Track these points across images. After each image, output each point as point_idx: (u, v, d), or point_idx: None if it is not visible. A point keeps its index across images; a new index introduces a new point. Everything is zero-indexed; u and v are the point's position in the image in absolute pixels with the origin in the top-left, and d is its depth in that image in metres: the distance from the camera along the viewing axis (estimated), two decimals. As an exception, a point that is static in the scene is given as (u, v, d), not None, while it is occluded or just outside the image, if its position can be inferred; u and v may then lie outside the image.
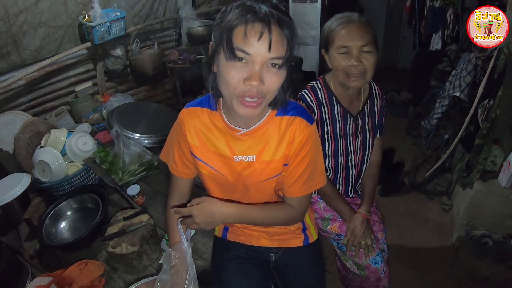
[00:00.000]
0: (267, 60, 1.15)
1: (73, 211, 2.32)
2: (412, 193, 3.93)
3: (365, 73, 1.79)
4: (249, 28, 1.11)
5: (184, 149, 1.52)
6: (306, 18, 5.42)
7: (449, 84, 3.61)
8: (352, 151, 2.06)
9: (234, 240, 1.76)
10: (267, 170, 1.47)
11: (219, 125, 1.43)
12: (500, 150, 3.01)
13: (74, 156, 2.46)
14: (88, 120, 3.32)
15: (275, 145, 1.43)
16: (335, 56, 1.81)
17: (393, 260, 2.88)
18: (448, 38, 5.57)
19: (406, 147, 4.80)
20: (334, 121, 1.97)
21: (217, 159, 1.47)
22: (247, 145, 1.43)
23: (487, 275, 2.85)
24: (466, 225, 3.12)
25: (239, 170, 1.47)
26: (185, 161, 1.56)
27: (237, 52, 1.13)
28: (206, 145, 1.47)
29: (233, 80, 1.16)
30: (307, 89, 1.98)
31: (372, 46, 1.77)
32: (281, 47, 1.15)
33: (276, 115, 1.42)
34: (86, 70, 3.77)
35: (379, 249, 1.98)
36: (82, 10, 3.50)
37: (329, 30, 1.84)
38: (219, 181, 1.53)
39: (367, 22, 1.82)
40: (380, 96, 2.09)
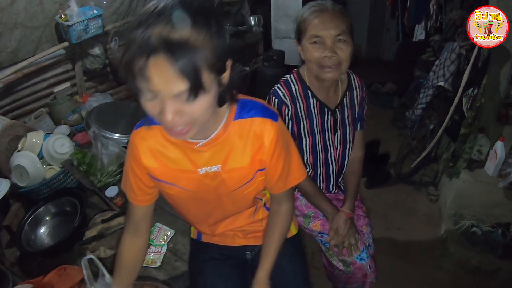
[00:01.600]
0: (173, 95, 0.96)
1: (52, 215, 2.27)
2: (398, 184, 3.91)
3: (340, 64, 1.72)
4: (143, 64, 0.92)
5: (141, 175, 1.37)
6: (288, 11, 5.36)
7: (433, 74, 3.60)
8: (331, 146, 2.00)
9: (208, 242, 1.71)
10: (236, 178, 1.38)
11: (175, 141, 1.28)
12: (486, 139, 3.00)
13: (51, 159, 2.40)
14: (67, 121, 3.25)
15: (240, 151, 1.31)
16: (307, 47, 1.75)
17: (381, 253, 2.88)
18: (432, 29, 5.57)
19: (392, 138, 4.77)
20: (311, 116, 1.91)
21: (181, 176, 1.35)
22: (208, 155, 1.30)
23: (476, 265, 2.84)
24: (454, 215, 3.11)
25: (206, 182, 1.36)
26: (143, 187, 1.41)
27: (146, 94, 0.98)
28: (166, 165, 1.33)
29: (153, 115, 1.03)
30: (280, 84, 1.91)
31: (347, 35, 1.71)
32: (182, 80, 0.93)
33: (234, 119, 1.28)
34: (65, 70, 3.68)
35: (364, 244, 1.94)
36: (58, 9, 3.42)
37: (301, 19, 1.77)
38: (188, 197, 1.43)
39: (342, 10, 1.76)
40: (360, 87, 2.03)
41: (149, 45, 0.91)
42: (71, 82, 3.68)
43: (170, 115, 0.97)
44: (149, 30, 0.92)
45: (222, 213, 1.55)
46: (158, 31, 0.92)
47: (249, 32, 5.43)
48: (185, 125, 1.04)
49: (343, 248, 1.89)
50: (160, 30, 0.92)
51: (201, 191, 1.39)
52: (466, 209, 3.11)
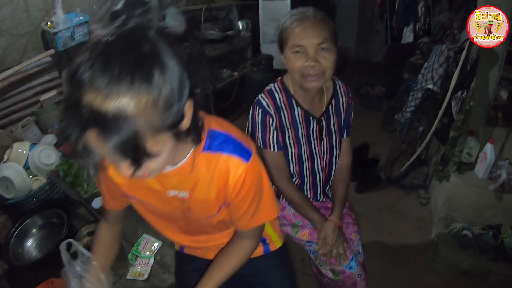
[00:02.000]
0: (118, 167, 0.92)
1: (39, 228, 2.25)
2: (388, 188, 3.90)
3: (323, 73, 1.69)
4: (78, 138, 0.82)
5: (111, 186, 1.33)
6: (276, 16, 5.35)
7: (422, 77, 3.60)
8: (317, 155, 1.98)
9: (191, 254, 1.68)
10: (202, 209, 1.33)
11: None
12: (476, 141, 3.01)
13: (38, 170, 2.38)
14: (54, 130, 3.22)
15: (207, 183, 1.23)
16: (289, 57, 1.71)
17: (372, 257, 2.87)
18: (420, 31, 5.60)
19: (382, 141, 4.78)
20: (296, 125, 1.88)
21: (150, 193, 1.29)
22: (177, 181, 1.23)
23: (468, 268, 2.83)
24: (445, 219, 3.10)
25: (176, 204, 1.31)
26: (115, 196, 1.39)
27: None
28: (134, 182, 1.26)
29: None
30: (264, 93, 1.87)
31: (330, 43, 1.67)
32: (120, 157, 0.85)
33: (202, 150, 1.19)
34: (52, 78, 3.65)
35: (353, 252, 1.92)
36: (44, 16, 3.40)
37: (282, 28, 1.73)
38: (158, 214, 1.42)
39: (324, 16, 1.71)
40: (345, 94, 2.00)
41: (80, 119, 0.78)
42: (57, 90, 3.64)
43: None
44: (80, 96, 0.78)
45: (193, 230, 1.51)
46: (90, 99, 0.77)
47: (237, 37, 5.44)
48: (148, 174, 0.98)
49: (331, 257, 1.86)
50: (92, 99, 0.76)
51: (170, 210, 1.35)
52: (456, 211, 3.11)
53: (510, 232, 2.86)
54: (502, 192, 2.87)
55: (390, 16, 6.24)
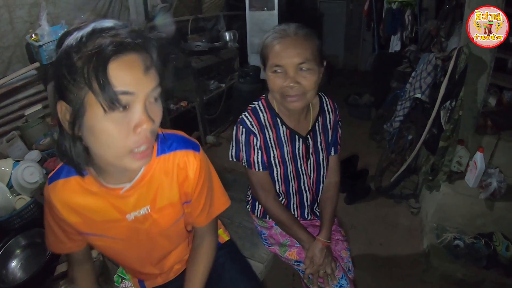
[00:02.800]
0: (149, 93, 0.96)
1: (23, 248, 2.18)
2: (378, 199, 3.88)
3: (304, 94, 1.63)
4: (125, 61, 0.90)
5: (66, 228, 1.28)
6: (264, 26, 5.35)
7: (410, 86, 3.59)
8: (304, 174, 1.93)
9: (153, 286, 1.63)
10: (168, 216, 1.33)
11: (95, 190, 1.18)
12: (465, 150, 3.00)
13: (21, 189, 2.31)
14: (39, 146, 3.16)
15: (168, 187, 1.27)
16: (269, 76, 1.65)
17: (364, 270, 2.85)
18: (407, 39, 5.62)
19: (370, 150, 4.79)
20: (281, 145, 1.83)
21: (109, 226, 1.25)
22: (135, 199, 1.22)
23: (461, 278, 2.81)
24: (436, 229, 3.09)
25: (137, 226, 1.29)
26: (71, 235, 1.32)
27: (121, 97, 0.90)
28: (89, 217, 1.22)
29: (120, 134, 0.94)
30: (247, 112, 1.81)
31: (311, 63, 1.60)
32: (156, 71, 0.99)
33: (157, 155, 1.23)
34: (37, 91, 3.59)
35: (343, 270, 1.88)
36: (29, 28, 3.35)
37: (264, 45, 1.67)
38: (120, 246, 1.35)
39: (307, 34, 1.63)
40: (333, 111, 1.95)
41: (128, 39, 0.92)
42: (43, 104, 3.59)
43: (148, 119, 0.96)
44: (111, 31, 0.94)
45: (158, 254, 1.48)
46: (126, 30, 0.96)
47: (225, 48, 5.42)
48: (150, 142, 1.01)
49: (318, 277, 1.82)
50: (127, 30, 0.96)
51: (132, 238, 1.32)
52: (447, 221, 3.10)
53: (502, 239, 2.85)
54: (493, 200, 2.87)
55: (377, 25, 6.26)
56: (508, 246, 2.81)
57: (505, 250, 2.79)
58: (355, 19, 8.15)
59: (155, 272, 1.56)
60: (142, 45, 0.95)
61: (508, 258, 2.77)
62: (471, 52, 2.71)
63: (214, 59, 5.15)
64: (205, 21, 5.60)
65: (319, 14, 8.32)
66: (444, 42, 4.29)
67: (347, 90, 6.38)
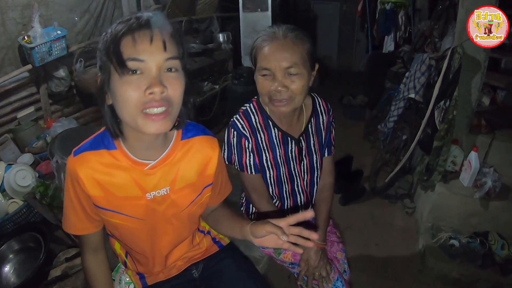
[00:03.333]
0: (163, 63, 1.09)
1: (16, 253, 2.18)
2: (373, 199, 3.87)
3: (292, 98, 1.60)
4: (137, 34, 1.07)
5: (86, 204, 1.31)
6: (257, 27, 5.33)
7: (404, 86, 3.59)
8: (297, 176, 1.90)
9: (155, 282, 1.62)
10: (185, 196, 1.40)
11: (123, 164, 1.26)
12: (460, 150, 3.01)
13: (13, 193, 2.30)
14: (31, 149, 3.15)
15: (188, 169, 1.36)
16: (257, 79, 1.63)
17: (359, 271, 2.84)
18: (401, 40, 5.63)
19: (365, 151, 4.78)
20: (273, 147, 1.81)
21: (127, 203, 1.30)
22: (157, 178, 1.31)
23: (457, 277, 2.81)
24: (431, 228, 3.08)
25: (154, 207, 1.34)
26: (91, 216, 1.35)
27: (129, 63, 1.06)
28: (111, 192, 1.27)
29: (132, 96, 1.07)
30: (239, 114, 1.80)
31: (300, 67, 1.57)
32: (174, 47, 1.12)
33: (182, 139, 1.36)
34: (29, 94, 3.58)
35: (339, 272, 1.87)
36: (22, 30, 3.34)
37: (253, 47, 1.65)
38: (134, 225, 1.37)
39: (297, 37, 1.59)
40: (326, 112, 1.92)
41: (143, 19, 1.09)
42: (35, 106, 3.58)
43: (159, 84, 1.08)
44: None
45: (169, 239, 1.50)
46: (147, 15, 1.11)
47: (218, 49, 5.41)
48: (164, 106, 1.10)
49: (312, 279, 1.81)
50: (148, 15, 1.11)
51: (147, 217, 1.36)
52: (442, 221, 3.10)
53: (497, 238, 2.85)
54: (488, 199, 2.87)
55: (371, 25, 6.27)
56: (503, 245, 2.80)
57: (500, 249, 2.79)
58: (348, 20, 8.16)
59: (161, 263, 1.55)
60: (149, 23, 1.09)
61: (503, 257, 2.76)
62: (465, 52, 2.71)
63: (208, 61, 5.15)
64: (198, 22, 5.59)
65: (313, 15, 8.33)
66: (438, 42, 4.30)
67: (340, 91, 6.38)
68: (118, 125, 1.21)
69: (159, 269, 1.57)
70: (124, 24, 1.08)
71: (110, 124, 1.21)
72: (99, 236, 1.45)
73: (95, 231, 1.41)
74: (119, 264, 1.73)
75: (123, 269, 1.69)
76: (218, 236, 1.74)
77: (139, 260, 1.56)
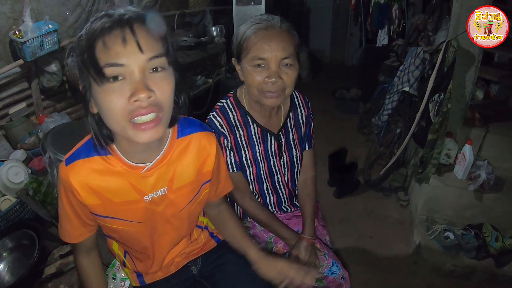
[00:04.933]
0: (146, 64, 1.00)
1: (9, 251, 2.17)
2: (368, 192, 3.88)
3: (283, 89, 1.56)
4: (108, 37, 0.97)
5: (81, 213, 1.28)
6: (251, 21, 5.31)
7: (398, 79, 3.59)
8: (277, 172, 1.89)
9: (153, 281, 1.61)
10: (184, 196, 1.37)
11: (118, 169, 1.21)
12: (454, 143, 3.02)
13: (6, 189, 2.29)
14: (24, 145, 3.12)
15: (185, 168, 1.32)
16: (248, 70, 1.57)
17: (354, 263, 2.86)
18: (395, 33, 5.63)
19: (359, 144, 4.79)
20: (252, 144, 1.78)
21: (126, 208, 1.27)
22: (154, 179, 1.26)
23: (451, 269, 2.84)
24: (426, 221, 3.10)
25: (152, 208, 1.31)
26: (86, 222, 1.33)
27: (107, 70, 0.97)
28: (109, 199, 1.23)
29: (117, 106, 0.99)
30: (215, 111, 1.75)
31: (294, 59, 1.55)
32: (156, 44, 1.03)
33: (177, 137, 1.30)
34: (21, 89, 3.54)
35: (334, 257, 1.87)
36: (13, 24, 3.30)
37: (243, 36, 1.57)
38: (133, 229, 1.35)
39: (290, 28, 1.58)
40: (304, 105, 1.90)
41: (115, 17, 1.00)
42: (27, 102, 3.55)
43: (143, 89, 0.99)
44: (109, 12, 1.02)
45: (169, 239, 1.49)
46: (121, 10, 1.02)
47: (211, 43, 5.39)
48: (154, 113, 1.03)
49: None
50: (122, 10, 1.03)
51: (147, 220, 1.34)
52: (437, 213, 3.12)
53: (491, 230, 2.87)
54: (482, 192, 2.89)
55: (364, 19, 6.27)
56: (498, 237, 2.83)
57: (494, 241, 2.81)
58: (341, 14, 8.14)
59: (159, 262, 1.54)
60: (122, 21, 0.99)
61: (497, 249, 2.79)
62: (460, 45, 2.72)
63: (201, 54, 5.11)
64: (191, 16, 5.56)
65: (306, 8, 8.31)
66: (432, 36, 4.31)
67: (334, 85, 6.36)
68: (107, 134, 1.15)
69: (157, 268, 1.56)
70: (96, 25, 0.99)
71: (97, 136, 1.14)
72: (93, 238, 1.44)
73: (89, 235, 1.40)
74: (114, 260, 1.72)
75: (118, 266, 1.69)
76: (215, 231, 1.73)
77: (138, 259, 1.55)
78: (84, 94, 1.07)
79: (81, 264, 1.46)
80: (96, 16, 1.03)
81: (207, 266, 1.66)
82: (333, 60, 8.55)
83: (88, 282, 1.47)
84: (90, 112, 1.10)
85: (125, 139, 1.10)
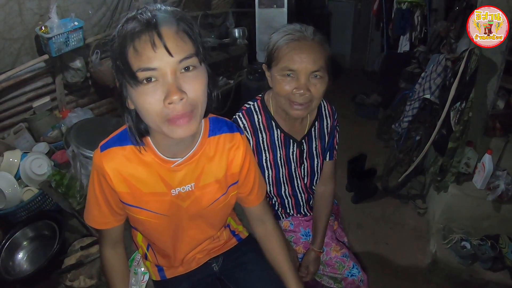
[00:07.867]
0: (177, 66, 1.03)
1: (30, 240, 2.20)
2: (385, 198, 3.86)
3: (311, 102, 1.56)
4: (137, 42, 1.00)
5: (111, 199, 1.32)
6: (273, 23, 5.30)
7: (419, 87, 3.57)
8: (297, 178, 1.89)
9: (174, 276, 1.63)
10: (210, 194, 1.39)
11: (149, 161, 1.26)
12: (474, 152, 2.99)
13: (29, 180, 2.32)
14: (47, 138, 3.17)
15: (214, 166, 1.36)
16: (277, 78, 1.57)
17: (369, 269, 2.83)
18: (416, 40, 5.59)
19: (377, 150, 4.76)
20: (274, 148, 1.79)
21: (153, 199, 1.31)
22: (183, 174, 1.30)
23: (467, 279, 2.82)
24: (443, 229, 3.08)
25: (178, 203, 1.35)
26: (115, 210, 1.36)
27: (139, 74, 1.01)
28: (138, 188, 1.28)
29: (152, 107, 1.03)
30: (242, 113, 1.77)
31: (324, 71, 1.55)
32: (187, 44, 1.05)
33: (209, 136, 1.34)
34: (45, 84, 3.60)
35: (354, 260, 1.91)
36: (39, 20, 3.35)
37: (275, 45, 1.57)
38: (158, 221, 1.37)
39: (322, 40, 1.56)
40: (331, 116, 1.89)
41: (143, 20, 1.02)
42: (51, 96, 3.60)
43: (176, 92, 1.02)
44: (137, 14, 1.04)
45: (192, 235, 1.51)
46: (149, 10, 1.05)
47: (234, 44, 5.40)
48: (187, 112, 1.06)
49: None
50: (150, 10, 1.06)
51: (172, 214, 1.36)
52: (454, 222, 3.10)
53: (508, 242, 2.85)
54: (500, 202, 2.87)
55: (386, 24, 6.22)
56: (514, 248, 2.80)
57: (510, 253, 2.78)
58: (363, 19, 8.10)
59: (181, 257, 1.56)
60: (152, 26, 1.01)
61: (513, 261, 2.76)
62: (482, 54, 2.70)
63: (223, 56, 5.14)
64: (214, 17, 5.58)
65: (327, 12, 8.29)
66: (454, 43, 4.27)
67: (354, 90, 6.33)
68: (144, 128, 1.20)
69: (179, 263, 1.58)
70: (126, 29, 1.03)
71: (132, 129, 1.19)
72: (120, 230, 1.47)
73: (117, 225, 1.42)
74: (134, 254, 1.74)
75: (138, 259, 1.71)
76: (237, 229, 1.75)
77: (160, 253, 1.57)
78: (121, 92, 1.12)
79: (106, 256, 1.49)
80: (127, 17, 1.06)
81: (228, 264, 1.67)
82: (353, 65, 8.51)
83: (113, 275, 1.49)
84: (126, 108, 1.15)
85: (161, 134, 1.12)
